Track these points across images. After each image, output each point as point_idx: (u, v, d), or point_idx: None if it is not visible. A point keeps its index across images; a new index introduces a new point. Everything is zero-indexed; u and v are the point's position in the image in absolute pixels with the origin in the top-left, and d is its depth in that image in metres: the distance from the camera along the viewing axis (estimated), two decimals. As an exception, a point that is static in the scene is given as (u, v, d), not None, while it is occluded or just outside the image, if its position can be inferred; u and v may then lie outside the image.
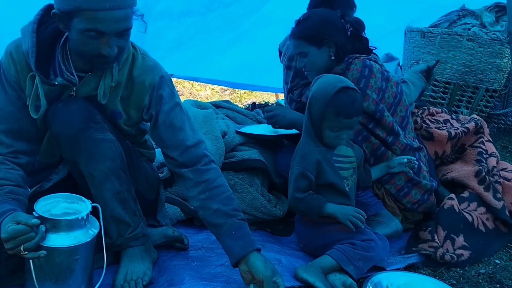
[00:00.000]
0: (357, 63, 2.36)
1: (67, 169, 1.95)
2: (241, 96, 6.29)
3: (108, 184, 1.81)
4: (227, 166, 2.53)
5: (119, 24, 1.63)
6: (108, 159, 1.80)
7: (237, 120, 2.99)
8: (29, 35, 1.73)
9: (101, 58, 1.68)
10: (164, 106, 1.90)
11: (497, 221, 2.50)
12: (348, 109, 2.02)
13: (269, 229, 2.47)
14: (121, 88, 1.86)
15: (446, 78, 4.04)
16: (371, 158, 2.36)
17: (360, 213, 2.03)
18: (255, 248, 1.81)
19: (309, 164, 2.07)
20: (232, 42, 4.76)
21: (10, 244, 1.51)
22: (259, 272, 1.77)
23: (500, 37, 3.90)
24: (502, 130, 4.35)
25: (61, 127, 1.79)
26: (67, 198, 1.72)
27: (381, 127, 2.34)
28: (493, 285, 2.05)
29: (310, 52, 2.40)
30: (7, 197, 1.66)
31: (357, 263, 1.92)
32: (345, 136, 2.09)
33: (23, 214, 1.57)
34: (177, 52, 4.68)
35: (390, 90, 2.38)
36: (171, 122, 1.92)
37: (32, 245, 1.52)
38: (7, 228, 1.51)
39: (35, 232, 1.53)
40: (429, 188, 2.42)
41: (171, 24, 4.38)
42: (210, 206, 1.85)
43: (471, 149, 2.84)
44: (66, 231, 1.62)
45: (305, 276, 1.92)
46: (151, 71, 1.90)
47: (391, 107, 2.39)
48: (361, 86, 2.29)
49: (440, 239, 2.27)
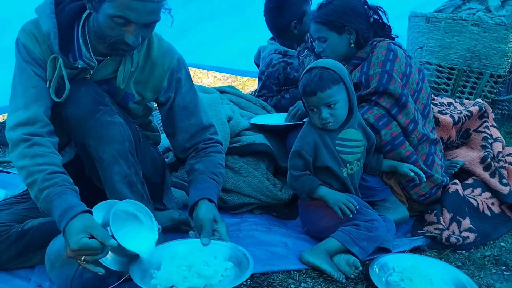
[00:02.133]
0: (382, 46, 2.33)
1: (74, 151, 1.96)
2: (243, 83, 6.27)
3: (116, 167, 1.81)
4: (233, 151, 2.53)
5: (149, 16, 1.64)
6: (117, 142, 1.80)
7: (241, 106, 2.99)
8: (47, 16, 1.71)
9: (124, 45, 1.68)
10: (181, 89, 1.95)
11: (503, 206, 2.50)
12: (310, 86, 2.01)
13: (275, 213, 2.48)
14: (137, 71, 1.87)
15: (450, 63, 4.02)
16: (388, 145, 2.28)
17: (352, 202, 2.01)
18: (206, 197, 1.83)
19: (306, 144, 2.08)
20: (235, 28, 4.74)
21: (75, 254, 1.48)
22: (200, 215, 1.79)
23: (505, 22, 3.87)
24: (506, 116, 4.34)
25: (70, 109, 1.79)
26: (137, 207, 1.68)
27: (404, 113, 2.28)
28: (498, 267, 2.06)
29: (330, 37, 2.38)
30: (66, 188, 1.61)
31: (361, 243, 1.93)
32: (326, 114, 2.02)
33: (100, 228, 1.52)
34: (180, 38, 4.65)
35: (414, 76, 2.34)
36: (186, 105, 1.96)
37: (93, 260, 1.51)
38: (79, 239, 1.47)
39: (101, 249, 1.51)
40: (439, 182, 2.39)
41: (175, 10, 4.36)
42: (196, 168, 1.94)
43: (476, 134, 2.83)
44: (126, 259, 1.62)
45: (311, 260, 1.93)
46: (169, 53, 1.92)
47: (414, 93, 2.34)
48: (387, 68, 2.26)
49: (446, 221, 2.28)
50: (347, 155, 2.11)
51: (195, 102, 2.00)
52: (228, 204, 2.43)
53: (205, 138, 2.01)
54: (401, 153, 2.29)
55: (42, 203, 1.60)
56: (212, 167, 1.95)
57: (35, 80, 1.74)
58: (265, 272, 1.89)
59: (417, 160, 2.32)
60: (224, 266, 1.69)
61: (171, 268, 1.64)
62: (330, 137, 2.09)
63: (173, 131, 2.00)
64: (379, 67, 2.27)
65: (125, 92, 1.90)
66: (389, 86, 2.25)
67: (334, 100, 2.02)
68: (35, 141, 1.66)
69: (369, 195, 2.27)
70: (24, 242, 1.79)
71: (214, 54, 5.07)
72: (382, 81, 2.26)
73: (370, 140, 2.20)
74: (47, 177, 1.60)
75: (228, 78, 6.46)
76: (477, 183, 2.56)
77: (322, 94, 2.01)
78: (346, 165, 2.10)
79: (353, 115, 2.11)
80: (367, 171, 2.29)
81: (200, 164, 1.95)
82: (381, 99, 2.28)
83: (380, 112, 2.27)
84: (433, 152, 2.41)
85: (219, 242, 1.77)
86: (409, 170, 2.23)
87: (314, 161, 2.09)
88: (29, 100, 1.71)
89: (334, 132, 2.10)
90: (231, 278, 1.66)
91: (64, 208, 1.54)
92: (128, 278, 1.68)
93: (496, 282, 1.95)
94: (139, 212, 1.69)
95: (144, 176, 1.98)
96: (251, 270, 1.64)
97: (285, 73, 3.17)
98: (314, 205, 2.13)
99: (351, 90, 2.07)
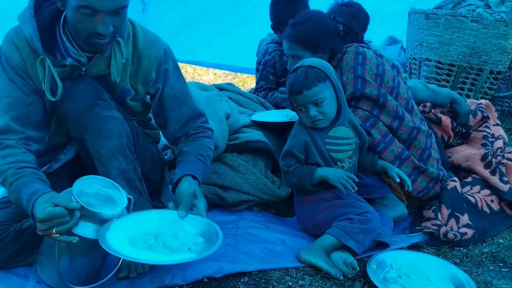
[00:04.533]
0: (350, 51, 2.36)
1: (75, 149, 1.96)
2: (243, 80, 6.27)
3: (114, 162, 1.81)
4: (231, 148, 2.53)
5: (113, 2, 1.63)
6: (115, 136, 1.80)
7: (240, 103, 2.99)
8: (28, 21, 1.73)
9: (97, 37, 1.68)
10: (169, 80, 1.96)
11: (502, 203, 2.50)
12: (296, 85, 2.03)
13: (273, 210, 2.48)
14: (129, 65, 1.88)
15: (450, 60, 4.02)
16: (381, 143, 2.29)
17: (351, 177, 2.04)
18: (190, 174, 1.84)
19: (297, 142, 2.09)
20: (235, 25, 4.74)
21: (44, 226, 1.51)
22: (180, 189, 1.79)
23: (505, 18, 3.86)
24: (506, 112, 4.33)
25: (68, 105, 1.80)
26: (102, 182, 1.70)
27: (385, 112, 2.31)
28: (496, 263, 2.06)
29: (304, 56, 2.37)
30: (33, 177, 1.65)
31: (356, 237, 1.93)
32: (314, 113, 2.03)
33: (62, 196, 1.57)
34: (180, 35, 4.66)
35: (388, 74, 2.36)
36: (176, 95, 1.98)
37: (65, 229, 1.53)
38: (44, 209, 1.51)
39: (70, 217, 1.53)
40: (435, 176, 2.39)
41: (174, 6, 4.36)
42: (184, 150, 1.95)
43: (476, 133, 2.84)
44: (97, 224, 1.61)
45: (308, 258, 1.94)
46: (155, 45, 1.93)
47: (393, 90, 2.36)
48: (358, 73, 2.29)
49: (444, 217, 2.28)
50: (337, 153, 2.11)
51: (184, 91, 2.02)
52: (227, 201, 2.44)
53: (195, 126, 2.04)
54: (394, 150, 2.30)
55: (12, 195, 1.65)
56: (200, 149, 1.97)
57: (11, 90, 1.77)
58: (262, 270, 1.89)
59: (409, 156, 2.33)
60: (193, 240, 1.68)
61: (138, 235, 1.64)
62: (320, 136, 2.10)
63: (164, 121, 2.03)
64: (351, 72, 2.30)
65: (122, 88, 1.90)
66: (365, 90, 2.28)
67: (321, 98, 2.03)
68: (7, 144, 1.71)
69: (366, 193, 2.27)
70: (22, 241, 1.80)
71: (214, 51, 5.08)
72: (357, 86, 2.29)
73: (362, 137, 2.21)
74: (16, 171, 1.65)
75: (228, 75, 6.46)
76: (476, 181, 2.55)
77: (308, 92, 2.02)
78: (337, 163, 2.11)
79: (342, 112, 2.12)
80: (361, 170, 2.29)
81: (188, 147, 1.97)
82: (360, 103, 2.32)
83: (365, 113, 2.30)
84: (429, 146, 2.41)
85: (195, 216, 1.76)
86: (397, 175, 2.21)
87: (306, 159, 2.11)
88: (2, 110, 1.75)
89: (324, 131, 2.10)
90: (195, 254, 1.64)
91: (30, 193, 1.58)
92: (123, 274, 1.72)
93: (494, 279, 1.95)
94: (107, 188, 1.69)
95: (143, 174, 1.99)
96: (215, 248, 1.61)
97: (281, 62, 3.19)
98: (309, 201, 2.15)
99: (338, 87, 2.08)
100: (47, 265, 1.68)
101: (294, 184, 2.15)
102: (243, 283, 1.82)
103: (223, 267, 1.84)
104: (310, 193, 2.14)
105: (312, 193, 2.14)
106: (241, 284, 1.82)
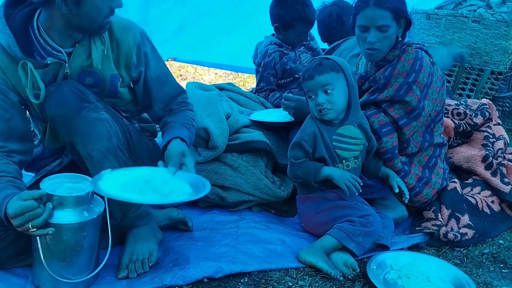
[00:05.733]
0: (410, 53, 2.21)
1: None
2: (244, 80, 6.26)
3: (106, 163, 1.81)
4: (231, 148, 2.53)
5: None
6: (104, 138, 1.81)
7: (240, 102, 2.98)
8: (1, 30, 1.75)
9: (111, 14, 1.78)
10: (150, 62, 2.02)
11: (503, 204, 2.49)
12: (309, 71, 2.07)
13: (273, 210, 2.48)
14: (109, 51, 1.92)
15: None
16: (388, 153, 2.23)
17: (357, 180, 2.04)
18: (178, 136, 1.88)
19: (306, 135, 2.10)
20: (235, 25, 4.73)
21: (18, 221, 1.53)
22: (169, 149, 1.83)
23: (506, 18, 3.86)
24: (507, 113, 4.32)
25: (55, 109, 1.81)
26: (71, 178, 1.74)
27: (413, 126, 2.22)
28: (497, 264, 2.06)
29: (391, 27, 2.20)
30: (8, 184, 1.68)
31: (357, 239, 1.93)
32: (322, 99, 2.03)
33: (29, 191, 1.59)
34: (181, 35, 4.66)
35: (434, 86, 2.27)
36: (158, 76, 2.05)
37: (40, 222, 1.54)
38: (14, 204, 1.53)
39: (42, 209, 1.55)
40: (438, 187, 2.35)
41: (175, 6, 4.35)
42: (168, 121, 2.01)
43: (477, 133, 2.83)
44: (73, 208, 1.64)
45: (308, 258, 1.93)
46: (130, 29, 1.98)
47: (435, 102, 2.29)
48: (409, 80, 2.18)
49: (444, 218, 2.28)
50: (343, 151, 2.11)
51: (165, 71, 2.10)
52: (227, 202, 2.44)
53: (177, 101, 2.11)
54: (398, 164, 2.26)
55: None
56: (184, 119, 2.03)
57: None
58: (262, 270, 1.89)
59: (409, 172, 2.28)
60: (183, 189, 1.70)
61: (129, 182, 1.68)
62: (328, 132, 2.09)
63: (149, 103, 2.09)
64: (403, 77, 2.19)
65: (111, 75, 1.94)
66: (406, 97, 2.19)
67: (331, 86, 2.04)
68: None
69: (367, 193, 2.26)
70: (22, 242, 1.80)
71: (215, 51, 5.07)
72: (400, 92, 2.20)
73: (371, 142, 2.19)
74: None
75: (229, 75, 6.45)
76: (477, 182, 2.55)
77: (320, 77, 2.04)
78: (342, 161, 2.11)
79: (352, 112, 2.11)
80: (363, 172, 2.28)
81: (173, 118, 2.04)
82: (391, 109, 2.23)
83: (386, 120, 2.23)
84: (437, 155, 2.38)
85: (184, 172, 1.79)
86: (397, 185, 2.19)
87: (313, 153, 2.11)
88: None
89: (333, 127, 2.10)
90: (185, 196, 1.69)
91: (2, 198, 1.60)
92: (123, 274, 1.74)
93: (494, 280, 1.95)
94: (77, 184, 1.72)
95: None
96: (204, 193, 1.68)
97: (281, 63, 3.19)
98: (312, 199, 2.14)
99: (351, 84, 2.07)
100: (39, 272, 1.69)
101: (299, 177, 2.13)
102: (243, 284, 1.82)
103: (223, 267, 1.84)
104: (313, 190, 2.14)
105: (315, 191, 2.14)
106: (241, 285, 1.82)
